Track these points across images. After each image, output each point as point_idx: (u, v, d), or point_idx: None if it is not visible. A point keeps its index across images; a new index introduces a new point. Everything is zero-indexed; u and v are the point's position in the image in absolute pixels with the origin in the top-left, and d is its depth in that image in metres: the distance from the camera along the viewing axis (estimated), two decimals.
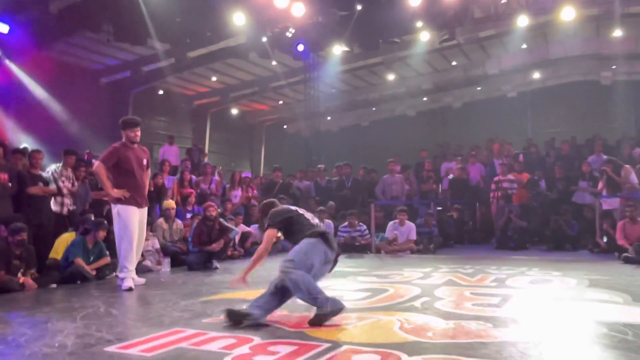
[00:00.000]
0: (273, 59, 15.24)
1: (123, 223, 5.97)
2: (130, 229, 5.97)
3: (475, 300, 4.83)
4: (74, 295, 5.62)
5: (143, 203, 6.21)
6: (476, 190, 12.66)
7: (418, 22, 13.17)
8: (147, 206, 6.36)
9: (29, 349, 3.40)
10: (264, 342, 3.46)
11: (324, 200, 11.84)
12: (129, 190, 6.01)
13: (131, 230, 5.97)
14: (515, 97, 19.69)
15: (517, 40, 15.39)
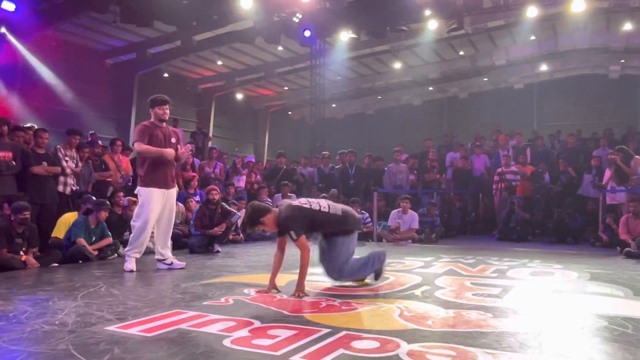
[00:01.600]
0: (279, 45, 15.15)
1: (142, 204, 5.93)
2: (147, 210, 5.89)
3: (475, 290, 4.83)
4: (75, 275, 5.65)
5: (169, 184, 6.10)
6: (480, 181, 12.63)
7: (426, 11, 13.06)
8: (174, 187, 6.25)
9: (29, 326, 3.42)
10: (263, 325, 3.47)
11: (327, 187, 11.82)
12: (156, 171, 5.93)
13: (148, 212, 5.89)
14: (522, 89, 19.57)
15: (525, 31, 15.25)
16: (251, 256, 7.63)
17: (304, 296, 4.47)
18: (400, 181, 11.68)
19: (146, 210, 5.90)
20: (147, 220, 5.91)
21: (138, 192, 6.02)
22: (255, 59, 17.33)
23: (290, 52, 16.69)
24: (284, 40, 14.81)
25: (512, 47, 17.16)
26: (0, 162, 7.10)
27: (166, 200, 6.07)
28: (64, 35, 13.65)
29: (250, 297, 4.44)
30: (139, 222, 5.95)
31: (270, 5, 12.89)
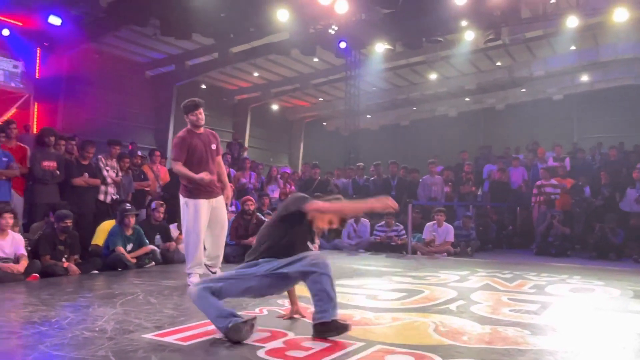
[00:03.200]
0: (315, 56, 15.26)
1: (189, 217, 5.62)
2: (197, 223, 5.58)
3: (513, 306, 4.73)
4: (114, 282, 5.78)
5: (214, 192, 5.76)
6: (517, 194, 12.40)
7: (463, 21, 12.95)
8: (219, 195, 5.84)
9: (70, 332, 3.52)
10: (297, 337, 3.48)
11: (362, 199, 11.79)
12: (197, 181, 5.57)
13: (198, 224, 5.59)
14: (561, 100, 19.15)
15: (565, 41, 14.93)
16: None
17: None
18: (435, 193, 11.57)
19: (196, 222, 5.59)
20: (198, 233, 5.62)
21: (186, 204, 5.66)
22: (291, 70, 17.48)
23: (325, 64, 16.78)
24: (320, 52, 14.91)
25: (551, 57, 16.83)
26: (46, 172, 7.36)
27: (214, 209, 5.76)
28: (106, 48, 14.07)
29: (284, 308, 4.46)
30: (190, 237, 5.63)
31: (306, 17, 13.00)
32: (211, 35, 13.02)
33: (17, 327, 3.68)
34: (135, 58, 15.49)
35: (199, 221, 5.62)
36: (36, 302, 4.58)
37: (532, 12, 13.11)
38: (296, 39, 13.72)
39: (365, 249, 10.35)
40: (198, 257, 5.67)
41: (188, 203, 5.65)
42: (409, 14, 12.77)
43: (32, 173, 7.40)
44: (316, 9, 12.44)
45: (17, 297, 5.01)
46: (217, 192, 5.82)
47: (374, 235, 10.51)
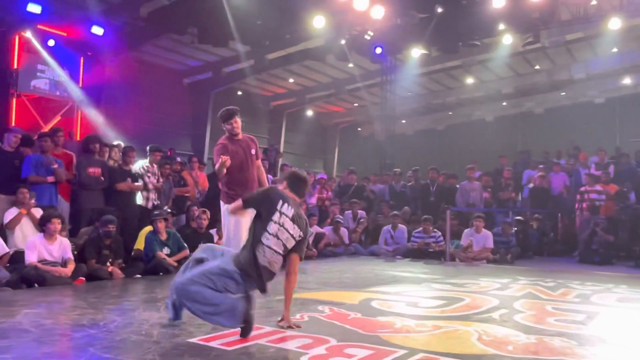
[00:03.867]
0: (350, 62, 15.28)
1: (230, 223, 5.56)
2: (238, 229, 5.47)
3: (558, 316, 4.63)
4: (157, 287, 5.90)
5: None
6: (559, 200, 12.11)
7: (500, 25, 12.77)
8: None
9: (119, 335, 3.61)
10: (340, 344, 3.48)
11: (398, 205, 11.74)
12: (241, 188, 5.54)
13: (240, 230, 5.46)
14: (603, 104, 18.66)
15: (607, 43, 14.53)
16: (323, 273, 7.67)
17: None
18: (473, 199, 11.41)
19: (237, 229, 5.48)
20: (239, 239, 5.46)
21: (227, 210, 5.54)
22: (326, 76, 17.55)
23: (360, 69, 16.77)
24: (355, 57, 14.92)
25: (592, 60, 16.42)
26: (91, 178, 7.57)
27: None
28: (145, 56, 14.41)
29: (324, 314, 4.47)
30: (232, 243, 5.52)
31: (341, 23, 13.04)
32: (247, 43, 13.18)
33: (67, 330, 3.80)
34: (174, 66, 15.81)
35: (240, 227, 5.60)
36: (84, 305, 4.71)
37: (572, 14, 12.83)
38: (331, 44, 13.77)
39: (402, 256, 10.27)
40: None
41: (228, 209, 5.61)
42: (445, 18, 12.67)
43: (78, 179, 7.62)
44: (352, 15, 12.47)
45: (66, 300, 5.16)
46: None
47: (411, 241, 10.43)
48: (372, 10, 12.10)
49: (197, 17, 11.73)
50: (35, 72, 11.82)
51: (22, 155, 7.28)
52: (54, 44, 11.80)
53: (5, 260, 6.11)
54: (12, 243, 6.47)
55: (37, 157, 7.22)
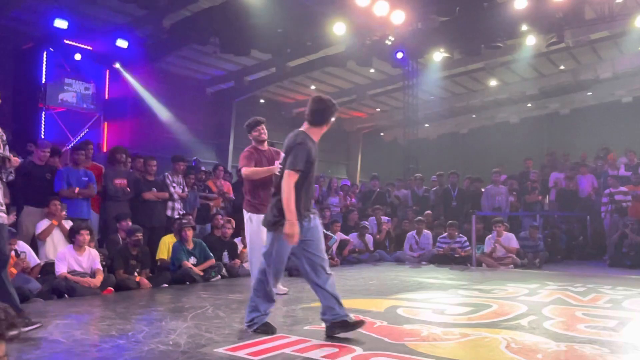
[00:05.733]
0: (371, 67, 15.28)
1: (252, 232, 5.76)
2: (260, 237, 5.52)
3: (588, 322, 4.53)
4: (183, 296, 5.95)
5: None
6: (587, 202, 11.89)
7: (523, 26, 12.62)
8: None
9: (147, 345, 3.65)
10: (366, 353, 3.47)
11: (421, 210, 11.67)
12: (262, 196, 5.73)
13: (262, 238, 5.43)
14: (631, 103, 18.27)
15: (633, 41, 14.24)
16: (347, 280, 7.65)
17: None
18: (499, 203, 11.28)
19: (260, 237, 5.57)
20: (262, 247, 5.65)
21: (250, 219, 5.81)
22: (347, 81, 17.56)
23: (382, 74, 16.76)
24: (376, 63, 14.92)
25: (618, 58, 16.12)
26: (117, 189, 7.70)
27: None
28: (168, 67, 14.64)
29: None
30: (255, 252, 5.66)
31: (361, 29, 13.06)
32: (269, 51, 13.29)
33: (96, 340, 3.86)
34: (196, 76, 16.01)
35: (263, 235, 5.69)
36: (112, 315, 4.78)
37: (596, 13, 12.63)
38: (352, 50, 13.80)
39: (428, 261, 10.19)
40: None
41: (252, 218, 5.79)
42: (467, 21, 12.59)
43: (104, 190, 7.75)
44: (372, 21, 12.47)
45: (95, 310, 5.25)
46: None
47: (436, 247, 10.35)
48: (393, 15, 12.10)
49: (219, 27, 11.88)
50: (63, 85, 12.11)
51: (53, 168, 7.43)
52: (80, 58, 12.07)
53: (36, 272, 6.24)
54: (42, 254, 6.61)
55: (68, 171, 7.36)
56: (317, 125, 4.10)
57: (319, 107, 4.08)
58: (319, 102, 4.09)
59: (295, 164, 3.87)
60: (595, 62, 16.53)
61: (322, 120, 4.09)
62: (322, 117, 4.08)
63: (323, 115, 4.07)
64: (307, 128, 4.11)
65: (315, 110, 4.08)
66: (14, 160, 3.97)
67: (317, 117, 4.08)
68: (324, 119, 4.09)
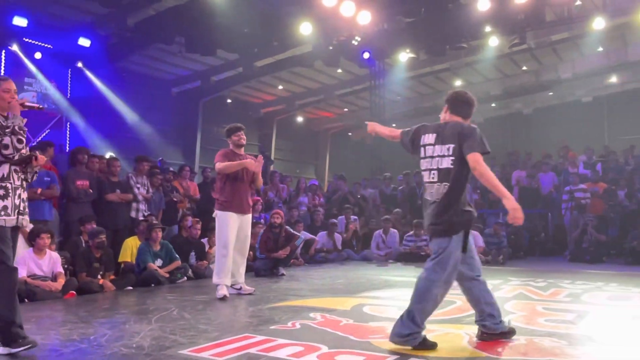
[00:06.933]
0: (338, 67, 15.33)
1: (220, 228, 6.01)
2: (226, 234, 5.94)
3: (548, 316, 4.66)
4: (148, 298, 5.88)
5: (246, 209, 6.15)
6: (548, 199, 12.19)
7: (487, 27, 12.86)
8: (249, 213, 6.29)
9: (109, 349, 3.59)
10: (331, 351, 3.49)
11: (389, 208, 11.78)
12: (233, 196, 6.02)
13: (227, 235, 5.94)
14: (591, 102, 18.79)
15: (592, 43, 14.67)
16: (315, 279, 7.68)
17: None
18: None
19: (225, 234, 5.95)
20: (227, 244, 5.95)
21: (216, 216, 6.09)
22: (315, 82, 17.58)
23: (349, 74, 16.83)
24: (343, 63, 14.97)
25: (578, 59, 16.55)
26: (79, 191, 7.54)
27: (241, 225, 6.10)
28: (133, 66, 14.37)
29: (316, 321, 4.47)
30: (219, 250, 6.01)
31: (328, 29, 13.08)
32: (235, 51, 13.20)
33: (57, 345, 3.77)
34: (162, 75, 15.78)
35: (229, 232, 5.97)
36: (74, 319, 4.69)
37: (556, 15, 12.94)
38: (319, 50, 13.80)
39: (394, 260, 10.30)
40: (227, 268, 5.95)
41: (218, 215, 6.06)
42: (432, 22, 12.74)
43: (66, 192, 7.58)
44: (339, 21, 12.51)
45: (56, 314, 5.13)
46: (247, 211, 6.21)
47: (402, 245, 10.46)
48: (359, 15, 12.16)
49: (185, 27, 11.74)
50: (23, 85, 11.78)
51: None
52: (41, 57, 11.77)
53: None
54: None
55: None
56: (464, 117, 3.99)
57: (461, 102, 4.08)
58: (460, 98, 4.09)
59: (483, 147, 3.68)
60: (556, 62, 16.94)
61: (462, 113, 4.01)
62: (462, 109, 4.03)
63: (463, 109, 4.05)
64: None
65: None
66: (40, 158, 3.81)
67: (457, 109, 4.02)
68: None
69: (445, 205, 3.69)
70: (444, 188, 3.69)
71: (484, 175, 3.58)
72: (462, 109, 3.98)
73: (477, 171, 3.59)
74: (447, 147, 3.73)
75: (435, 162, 3.76)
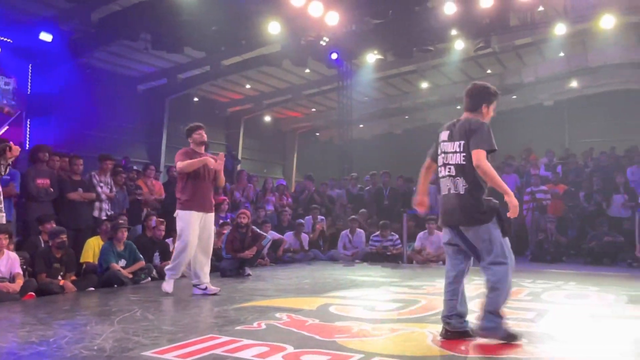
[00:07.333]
0: (307, 67, 15.35)
1: (181, 227, 6.04)
2: (187, 233, 5.97)
3: (509, 315, 4.71)
4: (111, 299, 5.76)
5: (208, 208, 6.17)
6: None
7: (453, 30, 13.08)
8: (212, 212, 6.28)
9: (69, 352, 3.50)
10: (296, 351, 3.48)
11: (356, 208, 11.84)
12: (194, 195, 6.04)
13: (188, 234, 5.97)
14: (552, 106, 19.31)
15: (554, 48, 15.11)
16: (281, 280, 7.66)
17: None
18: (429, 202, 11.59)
19: (186, 233, 5.98)
20: (187, 242, 5.97)
21: (177, 215, 6.10)
22: (283, 81, 17.56)
23: (317, 74, 16.87)
24: (311, 63, 15.00)
25: (541, 64, 17.00)
26: (40, 189, 7.34)
27: (204, 224, 6.11)
28: (97, 62, 14.07)
29: (282, 321, 4.46)
30: (179, 244, 6.08)
31: (297, 29, 13.08)
32: (203, 49, 13.07)
33: (15, 348, 3.66)
34: (127, 72, 15.50)
35: (190, 232, 6.00)
36: (33, 321, 4.56)
37: (520, 20, 13.26)
38: (287, 50, 13.80)
39: (361, 260, 10.36)
40: (179, 263, 6.07)
41: (180, 214, 6.08)
42: (399, 24, 12.88)
43: (26, 191, 7.37)
44: (307, 21, 12.52)
45: (14, 316, 4.98)
46: (209, 209, 6.22)
47: (369, 245, 10.53)
48: (327, 16, 12.19)
49: (151, 23, 11.58)
50: None
51: None
52: (0, 51, 11.41)
53: None
54: None
55: None
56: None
57: (472, 94, 4.18)
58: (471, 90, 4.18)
59: (490, 144, 3.84)
60: (519, 67, 17.35)
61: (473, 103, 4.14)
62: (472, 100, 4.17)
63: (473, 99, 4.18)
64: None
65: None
66: (14, 149, 3.65)
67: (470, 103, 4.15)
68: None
69: (472, 196, 3.85)
70: (464, 182, 3.85)
71: (486, 172, 3.72)
72: (467, 103, 4.13)
73: (480, 168, 3.73)
74: (458, 144, 3.90)
75: (450, 157, 3.93)
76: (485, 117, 4.09)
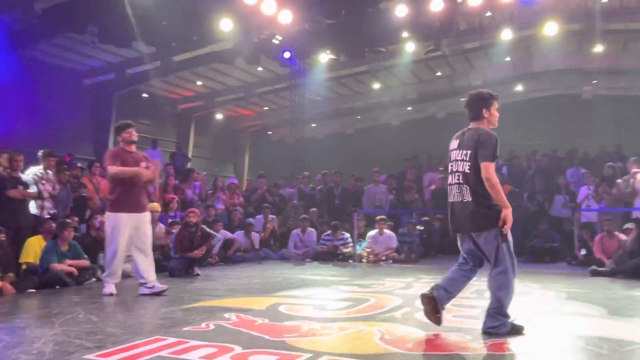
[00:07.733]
0: (259, 65, 15.25)
1: (110, 229, 5.97)
2: (115, 235, 5.91)
3: (455, 312, 4.87)
4: (52, 301, 5.56)
5: (139, 208, 6.06)
6: None
7: (404, 33, 13.28)
8: (146, 212, 6.20)
9: (6, 356, 3.36)
10: (245, 351, 3.46)
11: (308, 207, 11.87)
12: (125, 196, 5.94)
13: (117, 237, 5.90)
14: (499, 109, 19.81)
15: (501, 52, 15.60)
16: (231, 279, 7.59)
17: None
18: (379, 201, 11.77)
19: (115, 235, 5.92)
20: (116, 245, 5.93)
21: (107, 217, 6.05)
22: (235, 79, 17.38)
23: (270, 73, 16.79)
24: (264, 61, 14.91)
25: (488, 67, 17.51)
26: None
27: (137, 224, 6.00)
28: (40, 55, 13.54)
29: (231, 321, 4.42)
30: (109, 248, 6.00)
31: (250, 26, 12.97)
32: (152, 44, 12.77)
33: None
34: (72, 66, 14.98)
35: (119, 234, 5.95)
36: None
37: (469, 25, 13.63)
38: (240, 48, 13.66)
39: (312, 259, 10.38)
40: (115, 267, 6.02)
41: (109, 216, 6.04)
42: (352, 25, 12.97)
43: None
44: (260, 19, 12.45)
45: None
46: (143, 209, 6.14)
47: (320, 244, 10.57)
48: (280, 14, 12.15)
49: (98, 16, 11.22)
50: None
51: None
52: None
53: None
54: None
55: None
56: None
57: (471, 102, 4.34)
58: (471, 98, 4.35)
59: (495, 155, 4.01)
60: (468, 70, 17.81)
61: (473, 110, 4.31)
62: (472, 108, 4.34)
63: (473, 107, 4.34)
64: None
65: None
66: None
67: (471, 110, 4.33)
68: None
69: (478, 203, 4.00)
70: (469, 190, 4.03)
71: (493, 186, 3.90)
72: (470, 114, 4.30)
73: (489, 181, 3.91)
74: (465, 153, 4.08)
75: (457, 165, 4.11)
76: (491, 120, 4.33)
